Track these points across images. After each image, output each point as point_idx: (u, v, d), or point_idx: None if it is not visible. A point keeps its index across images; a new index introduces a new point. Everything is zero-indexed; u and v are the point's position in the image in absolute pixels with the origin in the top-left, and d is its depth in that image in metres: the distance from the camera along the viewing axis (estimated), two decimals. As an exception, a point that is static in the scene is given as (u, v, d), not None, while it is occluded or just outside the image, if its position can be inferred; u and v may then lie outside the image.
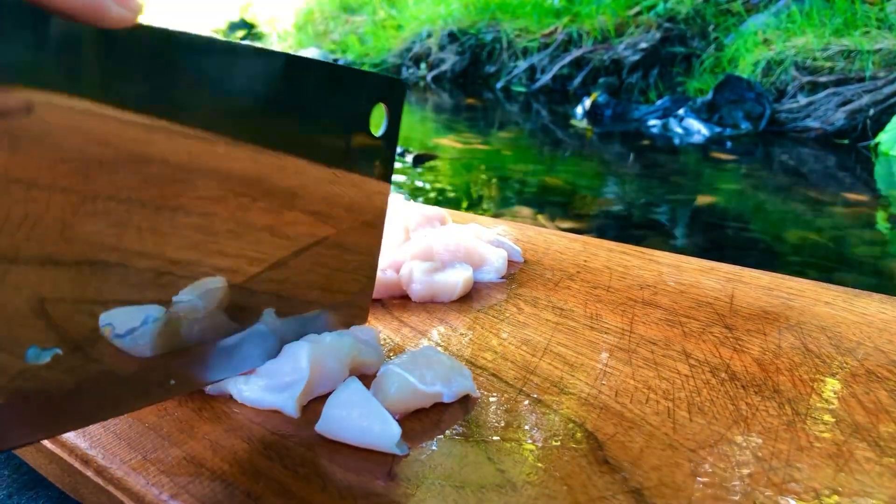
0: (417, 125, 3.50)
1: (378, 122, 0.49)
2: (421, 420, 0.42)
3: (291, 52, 6.72)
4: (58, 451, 0.41)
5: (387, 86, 0.49)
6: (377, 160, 0.50)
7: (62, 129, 0.31)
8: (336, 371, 0.45)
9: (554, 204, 1.92)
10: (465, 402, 0.44)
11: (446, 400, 0.43)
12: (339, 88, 0.45)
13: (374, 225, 0.51)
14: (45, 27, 0.29)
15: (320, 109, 0.44)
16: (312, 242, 0.46)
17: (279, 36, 7.86)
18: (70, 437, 0.41)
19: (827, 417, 0.42)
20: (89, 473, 0.39)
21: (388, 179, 0.51)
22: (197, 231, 0.38)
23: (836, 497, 0.35)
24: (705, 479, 0.36)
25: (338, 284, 0.50)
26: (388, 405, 0.41)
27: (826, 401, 0.44)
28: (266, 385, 0.44)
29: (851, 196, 2.04)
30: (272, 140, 0.41)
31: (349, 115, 0.47)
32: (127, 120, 0.33)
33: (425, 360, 0.44)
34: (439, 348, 0.51)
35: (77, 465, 0.39)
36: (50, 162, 0.31)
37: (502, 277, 0.65)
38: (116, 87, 0.33)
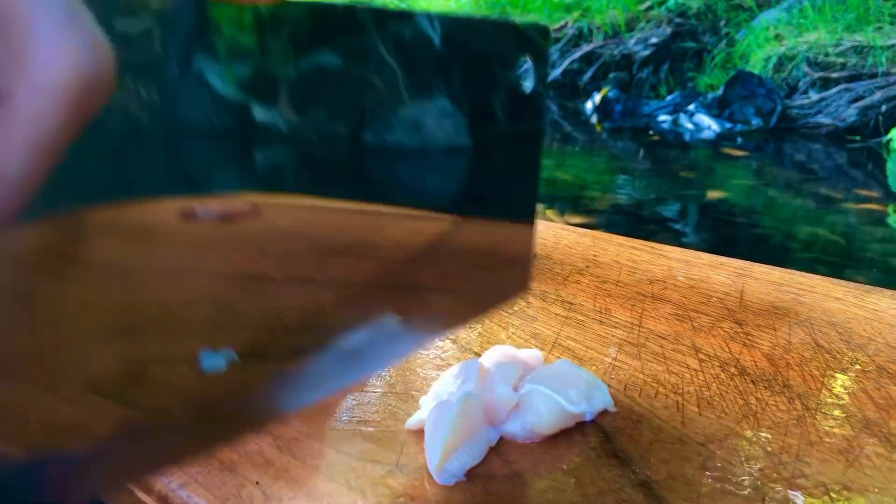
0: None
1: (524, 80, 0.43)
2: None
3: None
4: (68, 440, 0.41)
5: (529, 34, 0.42)
6: (529, 119, 0.43)
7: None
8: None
9: (563, 199, 1.92)
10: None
11: (588, 419, 0.41)
12: (480, 42, 0.40)
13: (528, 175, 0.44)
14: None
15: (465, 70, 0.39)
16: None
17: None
18: (80, 426, 0.41)
19: (837, 413, 0.42)
20: (99, 462, 0.39)
21: (541, 138, 0.45)
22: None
23: (845, 492, 0.35)
24: (714, 474, 0.36)
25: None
26: (538, 429, 0.39)
27: (836, 396, 0.44)
28: None
29: (863, 192, 2.02)
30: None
31: (494, 73, 0.41)
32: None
33: (565, 377, 0.41)
34: (448, 341, 0.51)
35: (87, 454, 0.40)
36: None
37: (511, 271, 0.65)
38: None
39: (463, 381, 0.40)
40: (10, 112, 0.15)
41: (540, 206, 1.79)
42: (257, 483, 0.36)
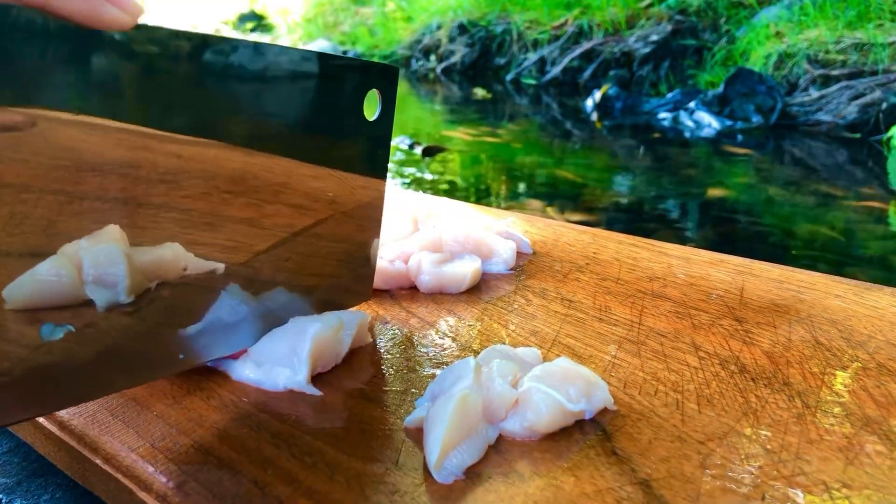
0: (427, 117, 3.50)
1: (372, 108, 0.51)
2: (429, 410, 0.42)
3: (301, 43, 6.71)
4: (67, 438, 0.41)
5: (379, 72, 0.51)
6: (372, 146, 0.52)
7: (61, 139, 0.33)
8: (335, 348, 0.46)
9: (563, 196, 1.92)
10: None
11: (587, 417, 0.41)
12: (331, 78, 0.47)
13: (372, 208, 0.53)
14: (44, 39, 0.31)
15: (314, 100, 0.46)
16: (312, 224, 0.48)
17: (289, 28, 7.86)
18: (79, 425, 0.41)
19: (837, 410, 0.42)
20: (98, 461, 0.39)
21: (384, 167, 0.53)
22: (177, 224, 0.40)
23: (845, 490, 0.35)
24: (714, 472, 0.36)
25: (332, 270, 0.52)
26: (537, 427, 0.39)
27: (836, 394, 0.44)
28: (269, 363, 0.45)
29: (863, 190, 2.02)
30: (264, 133, 0.44)
31: (343, 104, 0.48)
32: (119, 127, 0.36)
33: (564, 374, 0.41)
34: (447, 339, 0.51)
35: (86, 452, 0.39)
36: (45, 168, 0.33)
37: (511, 269, 0.65)
38: (114, 93, 0.35)
39: (460, 379, 0.40)
40: None
41: (540, 204, 1.79)
42: (256, 482, 0.36)
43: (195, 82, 0.39)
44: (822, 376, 0.46)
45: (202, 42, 0.39)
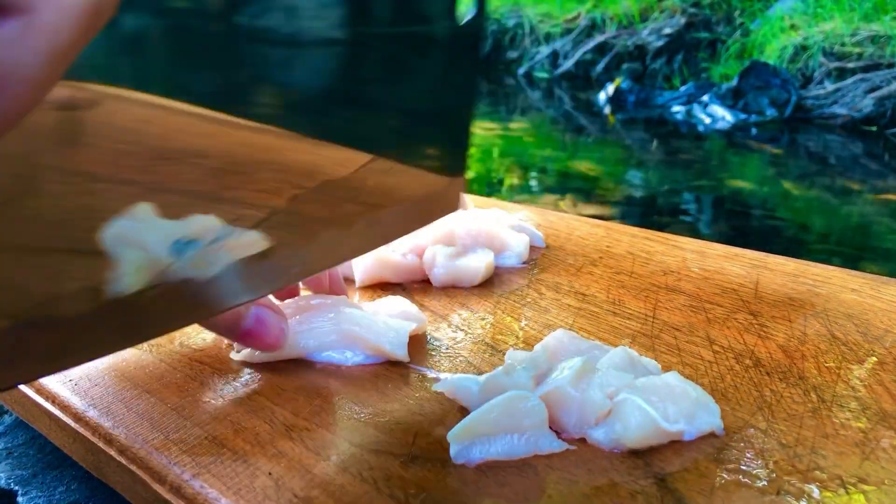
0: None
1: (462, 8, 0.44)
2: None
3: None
4: (81, 430, 0.41)
5: None
6: (467, 49, 0.45)
7: (126, 123, 0.31)
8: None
9: (576, 190, 1.91)
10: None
11: (687, 438, 0.38)
12: None
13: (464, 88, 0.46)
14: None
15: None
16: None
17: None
18: (94, 416, 0.41)
19: (853, 405, 0.41)
20: (112, 452, 0.39)
21: (476, 73, 0.46)
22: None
23: (862, 485, 0.35)
24: (729, 466, 0.36)
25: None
26: (624, 441, 0.37)
27: (852, 388, 0.43)
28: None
29: (879, 184, 2.01)
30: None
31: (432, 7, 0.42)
32: (190, 112, 0.34)
33: (667, 390, 0.39)
34: (460, 332, 0.51)
35: (100, 444, 0.40)
36: (112, 155, 0.31)
37: (524, 262, 0.65)
38: (179, 79, 0.33)
39: (557, 377, 0.40)
40: (32, 22, 0.19)
41: (553, 198, 1.79)
42: (270, 474, 0.36)
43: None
44: (837, 371, 0.45)
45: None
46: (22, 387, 0.46)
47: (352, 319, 0.47)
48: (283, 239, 0.38)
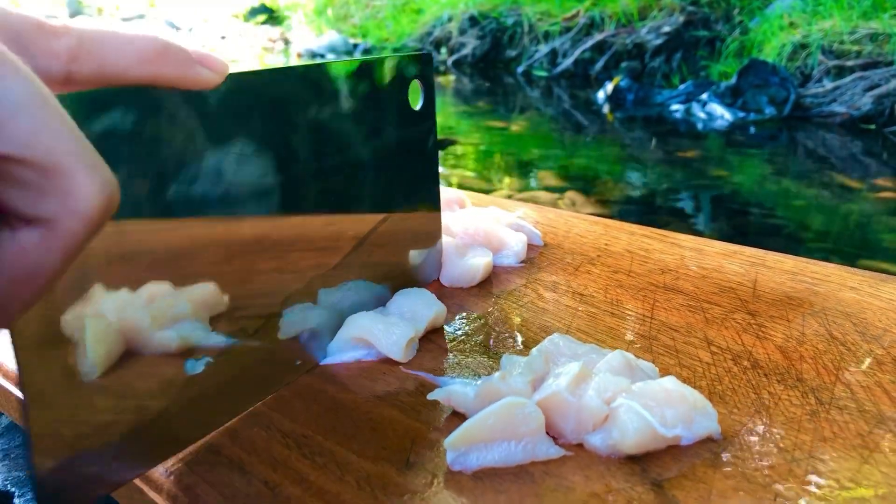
0: (438, 110, 3.49)
1: (415, 99, 0.54)
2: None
3: (312, 35, 6.70)
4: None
5: (415, 62, 0.53)
6: (422, 133, 0.55)
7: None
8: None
9: (575, 188, 1.91)
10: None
11: (684, 443, 0.38)
12: (375, 80, 0.50)
13: (431, 187, 0.58)
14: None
15: (366, 106, 0.49)
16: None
17: (299, 20, 7.85)
18: (88, 422, 0.41)
19: (852, 407, 0.41)
20: (107, 458, 0.39)
21: (434, 149, 0.57)
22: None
23: (860, 489, 0.34)
24: (726, 470, 0.36)
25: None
26: (621, 447, 0.37)
27: (851, 390, 0.43)
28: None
29: (878, 182, 2.00)
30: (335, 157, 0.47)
31: (387, 98, 0.51)
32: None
33: (665, 395, 0.38)
34: (458, 335, 0.51)
35: (95, 450, 0.39)
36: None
37: (522, 262, 0.64)
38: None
39: (552, 381, 0.40)
40: (53, 229, 0.22)
41: (552, 196, 1.79)
42: (266, 482, 0.36)
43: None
44: (836, 372, 0.45)
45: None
46: (17, 392, 0.46)
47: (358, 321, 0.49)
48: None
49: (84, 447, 0.31)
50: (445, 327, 0.52)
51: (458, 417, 0.40)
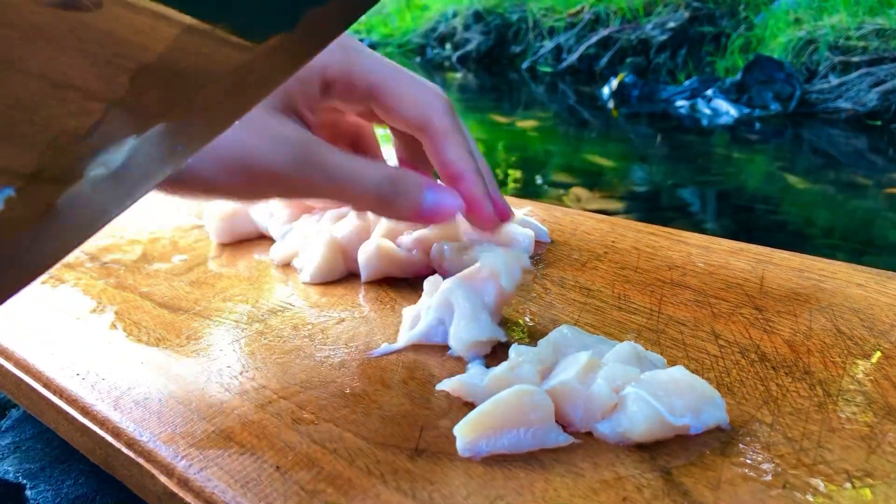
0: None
1: None
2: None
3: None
4: (89, 423, 0.41)
5: None
6: None
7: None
8: None
9: (581, 185, 1.91)
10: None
11: (693, 432, 0.38)
12: None
13: None
14: None
15: None
16: None
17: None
18: (102, 410, 0.41)
19: (859, 399, 0.41)
20: (120, 446, 0.39)
21: None
22: None
23: (868, 479, 0.35)
24: (735, 460, 0.36)
25: None
26: (630, 435, 0.37)
27: (858, 382, 0.43)
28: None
29: (884, 178, 2.00)
30: None
31: None
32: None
33: (673, 385, 0.39)
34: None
35: (108, 437, 0.40)
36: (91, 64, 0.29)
37: (529, 258, 0.65)
38: None
39: (563, 371, 0.40)
40: None
41: (557, 192, 1.79)
42: (277, 467, 0.36)
43: None
44: (843, 365, 0.45)
45: None
46: (30, 381, 0.46)
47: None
48: None
49: None
50: (454, 319, 0.52)
51: (468, 406, 0.40)
